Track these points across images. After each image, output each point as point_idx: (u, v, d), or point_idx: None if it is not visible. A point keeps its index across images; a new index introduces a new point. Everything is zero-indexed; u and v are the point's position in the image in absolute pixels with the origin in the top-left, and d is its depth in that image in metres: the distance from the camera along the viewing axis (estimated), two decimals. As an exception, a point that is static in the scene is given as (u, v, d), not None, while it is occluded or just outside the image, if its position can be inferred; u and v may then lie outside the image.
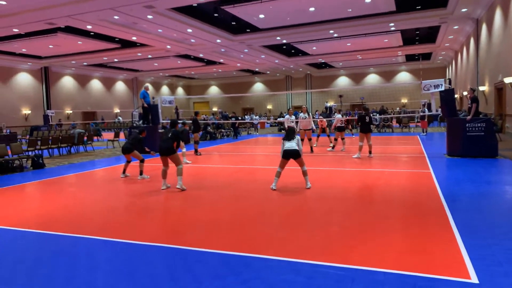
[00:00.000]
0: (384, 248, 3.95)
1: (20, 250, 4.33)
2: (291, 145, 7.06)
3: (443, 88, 10.92)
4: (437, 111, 12.28)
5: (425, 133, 18.87)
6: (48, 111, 28.64)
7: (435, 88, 11.00)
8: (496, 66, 16.48)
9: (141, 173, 8.71)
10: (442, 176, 7.89)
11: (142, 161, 8.80)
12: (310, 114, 13.15)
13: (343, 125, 13.61)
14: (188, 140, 17.77)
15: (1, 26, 17.61)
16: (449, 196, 6.05)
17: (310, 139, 12.94)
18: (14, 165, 10.75)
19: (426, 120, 19.16)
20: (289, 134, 7.23)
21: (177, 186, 7.30)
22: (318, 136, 15.30)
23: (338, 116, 14.08)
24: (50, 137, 14.57)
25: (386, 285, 3.10)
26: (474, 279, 3.15)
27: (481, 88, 19.34)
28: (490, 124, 10.08)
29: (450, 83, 12.08)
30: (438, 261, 3.54)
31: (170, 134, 7.43)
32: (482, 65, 19.41)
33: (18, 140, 19.65)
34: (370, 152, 11.16)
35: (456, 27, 21.86)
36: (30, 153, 12.45)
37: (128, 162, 9.04)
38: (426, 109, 19.75)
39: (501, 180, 7.38)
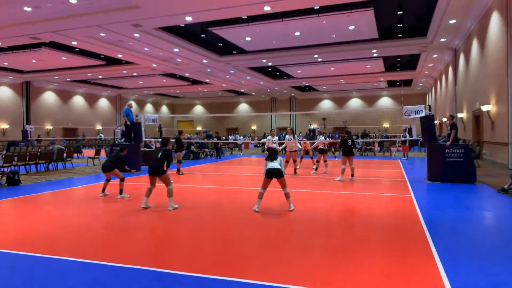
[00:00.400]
0: (366, 273, 3.92)
1: (-12, 272, 4.10)
2: (274, 164, 7.04)
3: (423, 114, 11.21)
4: (418, 136, 12.54)
5: (406, 158, 19.20)
6: (27, 126, 27.99)
7: (415, 114, 11.28)
8: (473, 94, 17.08)
9: (120, 192, 8.52)
10: (423, 200, 7.99)
11: (122, 179, 8.62)
12: (295, 136, 13.25)
13: (325, 147, 13.75)
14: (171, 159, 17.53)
15: (-16, 39, 17.34)
16: (430, 221, 6.10)
17: (295, 161, 12.98)
18: (-12, 181, 10.36)
19: (407, 144, 19.53)
20: (272, 154, 7.22)
21: (169, 208, 7.17)
22: (301, 158, 15.39)
23: (321, 138, 14.27)
24: (28, 153, 14.18)
25: (369, 312, 3.05)
26: (455, 306, 3.13)
27: (459, 115, 19.95)
28: (468, 150, 10.34)
29: (430, 109, 12.43)
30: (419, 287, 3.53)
31: (161, 153, 7.34)
32: (460, 93, 20.09)
33: (-6, 155, 19.02)
34: (352, 175, 11.26)
35: (435, 55, 22.69)
36: (6, 169, 12.05)
37: (108, 180, 8.84)
38: (407, 134, 20.16)
39: (480, 206, 7.52)
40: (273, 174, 7.00)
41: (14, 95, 29.79)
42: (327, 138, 18.97)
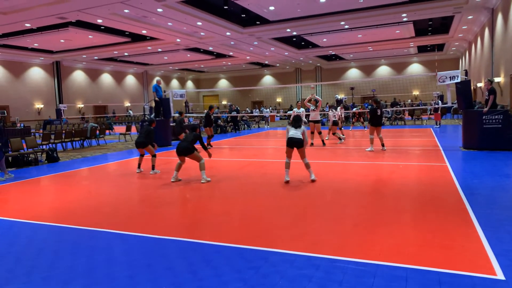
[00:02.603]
0: (404, 242, 3.88)
1: (38, 243, 4.36)
2: (296, 133, 6.95)
3: (459, 80, 10.70)
4: (452, 103, 12.04)
5: (438, 126, 18.59)
6: (60, 105, 28.87)
7: (450, 80, 10.77)
8: (512, 56, 16.08)
9: (153, 168, 8.73)
10: (459, 169, 7.75)
11: (154, 155, 8.81)
12: (317, 105, 12.89)
13: (336, 119, 14.18)
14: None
15: (14, 21, 17.74)
16: (468, 190, 5.93)
17: (320, 133, 12.79)
18: (29, 158, 10.88)
19: (439, 112, 18.85)
20: (296, 121, 7.09)
21: (202, 181, 7.39)
22: (340, 128, 15.23)
23: (330, 113, 14.67)
24: (64, 131, 14.71)
25: (410, 281, 3.05)
26: (500, 275, 3.07)
27: (496, 79, 18.94)
28: (507, 116, 9.86)
29: (466, 75, 11.84)
30: (461, 256, 3.47)
31: (192, 137, 7.53)
32: (498, 56, 18.98)
33: (32, 134, 19.90)
34: (383, 145, 11.02)
35: (470, 17, 21.38)
36: (44, 146, 12.58)
37: (142, 155, 9.07)
38: (439, 101, 19.42)
39: (520, 173, 7.23)
40: (294, 144, 6.92)
41: (46, 75, 30.67)
42: (356, 108, 18.56)
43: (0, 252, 4.10)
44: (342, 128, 14.47)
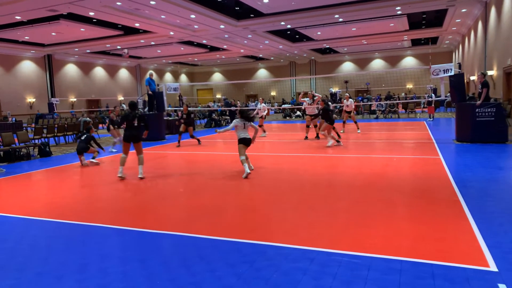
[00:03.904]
0: (397, 235, 3.90)
1: (31, 238, 4.32)
2: (245, 133, 7.23)
3: (452, 73, 10.73)
4: (446, 96, 12.10)
5: (431, 119, 18.68)
6: (52, 99, 28.55)
7: (444, 73, 10.81)
8: (505, 50, 16.16)
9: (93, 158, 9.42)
10: (452, 161, 7.80)
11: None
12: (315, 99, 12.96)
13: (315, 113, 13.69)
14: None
15: (4, 13, 17.43)
16: (461, 182, 5.97)
17: (316, 126, 12.80)
18: (22, 153, 10.76)
19: (433, 105, 18.94)
20: (246, 119, 7.26)
21: (140, 176, 7.30)
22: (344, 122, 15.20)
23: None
24: (56, 125, 14.56)
25: (404, 273, 3.06)
26: (492, 267, 3.10)
27: (489, 73, 19.03)
28: (500, 109, 9.93)
29: (460, 68, 11.88)
30: (454, 249, 3.50)
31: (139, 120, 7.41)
32: (491, 49, 19.06)
33: (24, 128, 19.68)
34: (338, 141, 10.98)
35: (464, 10, 21.42)
36: (36, 141, 12.45)
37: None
38: (433, 94, 19.50)
39: (513, 166, 7.29)
40: (247, 142, 7.18)
41: (38, 69, 30.25)
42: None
43: (-9, 248, 4.06)
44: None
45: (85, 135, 9.50)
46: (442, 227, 4.07)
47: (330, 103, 11.14)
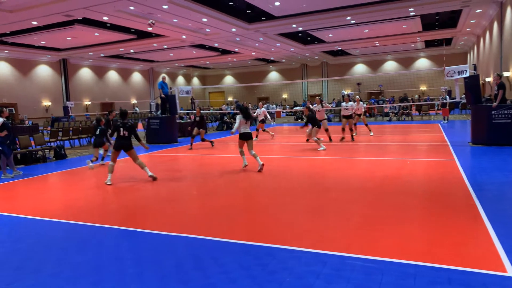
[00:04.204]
0: (412, 239, 3.85)
1: (47, 239, 4.40)
2: (246, 128, 8.16)
3: (467, 74, 10.57)
4: (461, 98, 11.91)
5: (446, 121, 18.41)
6: (67, 102, 29.07)
7: (459, 75, 10.65)
8: (522, 50, 15.84)
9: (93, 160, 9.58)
10: (468, 164, 7.67)
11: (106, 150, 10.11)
12: (323, 105, 13.24)
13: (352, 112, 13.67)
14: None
15: (21, 19, 17.84)
16: (477, 185, 5.87)
17: (326, 129, 12.81)
18: (38, 155, 10.97)
19: (447, 107, 18.66)
20: (248, 118, 8.17)
21: (149, 174, 7.51)
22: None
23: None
24: (71, 128, 14.80)
25: (419, 278, 3.02)
26: (510, 272, 3.03)
27: (505, 74, 18.68)
28: (517, 111, 9.72)
29: (475, 69, 11.69)
30: (471, 253, 3.43)
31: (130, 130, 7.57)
32: (507, 50, 18.70)
33: (40, 131, 20.06)
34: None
35: (479, 10, 21.07)
36: (52, 144, 12.67)
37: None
38: (447, 96, 19.21)
39: (530, 169, 7.13)
40: (246, 137, 8.10)
41: (53, 73, 30.84)
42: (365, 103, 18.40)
43: (8, 249, 4.14)
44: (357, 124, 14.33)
45: (99, 129, 9.82)
46: (458, 231, 4.01)
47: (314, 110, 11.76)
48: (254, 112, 14.98)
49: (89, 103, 33.51)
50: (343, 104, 13.14)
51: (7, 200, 6.50)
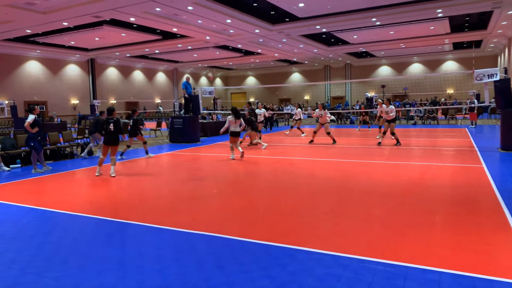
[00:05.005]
0: (436, 245, 3.77)
1: (74, 233, 4.55)
2: (235, 127, 9.65)
3: (498, 78, 10.23)
4: (490, 102, 11.55)
5: (474, 126, 17.87)
6: (94, 101, 29.93)
7: (489, 78, 10.32)
8: (557, 53, 15.20)
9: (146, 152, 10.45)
10: (497, 171, 7.43)
11: (144, 142, 10.75)
12: (326, 110, 13.62)
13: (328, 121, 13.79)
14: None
15: (53, 20, 18.50)
16: (506, 192, 5.67)
17: (328, 133, 12.83)
18: (66, 152, 11.34)
19: (475, 111, 18.11)
20: (237, 116, 9.64)
21: (112, 175, 7.90)
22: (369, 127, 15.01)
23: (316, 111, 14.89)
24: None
25: (443, 285, 2.95)
26: (540, 283, 2.93)
27: (538, 78, 17.96)
28: (550, 116, 9.34)
29: (506, 72, 11.30)
30: (498, 262, 3.33)
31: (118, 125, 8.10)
32: (541, 53, 17.98)
33: (68, 128, 20.72)
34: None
35: (510, 12, 20.34)
36: (79, 141, 13.06)
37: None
38: (475, 100, 18.64)
39: None
40: (235, 134, 9.64)
41: (82, 72, 31.84)
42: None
43: (38, 241, 4.31)
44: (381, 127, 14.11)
45: (132, 119, 10.61)
46: (484, 238, 3.89)
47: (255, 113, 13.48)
48: (292, 112, 16.64)
49: (115, 101, 34.36)
50: (384, 107, 12.50)
51: (37, 194, 6.76)
